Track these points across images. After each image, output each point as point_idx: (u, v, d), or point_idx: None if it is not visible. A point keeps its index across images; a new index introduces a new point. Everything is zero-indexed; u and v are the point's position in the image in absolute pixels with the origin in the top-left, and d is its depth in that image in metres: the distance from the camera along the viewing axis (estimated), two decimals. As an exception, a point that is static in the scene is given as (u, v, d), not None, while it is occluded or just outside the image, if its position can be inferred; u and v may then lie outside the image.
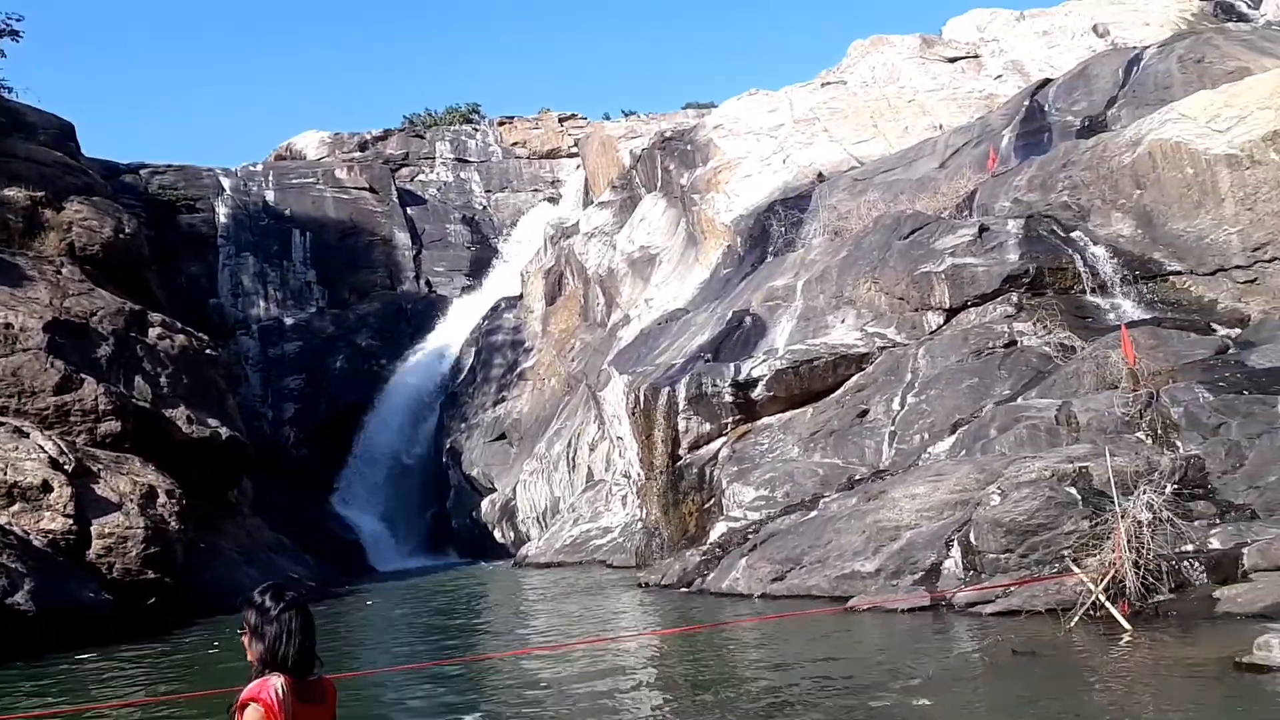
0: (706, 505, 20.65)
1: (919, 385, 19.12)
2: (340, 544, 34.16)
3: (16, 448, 19.78)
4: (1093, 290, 19.95)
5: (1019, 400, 16.30)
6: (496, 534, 33.88)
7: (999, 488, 11.90)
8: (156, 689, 11.05)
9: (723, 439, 21.64)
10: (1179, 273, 19.51)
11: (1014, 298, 20.05)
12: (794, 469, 18.87)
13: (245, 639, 3.15)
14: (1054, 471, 11.79)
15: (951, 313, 20.78)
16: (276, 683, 3.03)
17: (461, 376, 42.33)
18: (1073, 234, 21.43)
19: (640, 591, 17.55)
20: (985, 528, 11.33)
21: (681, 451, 22.31)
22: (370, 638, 16.99)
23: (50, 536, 18.54)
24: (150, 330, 26.26)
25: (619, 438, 28.02)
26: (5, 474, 18.95)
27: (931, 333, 20.64)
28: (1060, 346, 18.04)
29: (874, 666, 8.35)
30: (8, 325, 22.87)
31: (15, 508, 18.73)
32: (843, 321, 22.78)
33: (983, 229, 21.58)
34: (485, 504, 34.85)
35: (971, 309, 20.46)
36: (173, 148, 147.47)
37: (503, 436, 37.66)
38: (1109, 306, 19.32)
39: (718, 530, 18.55)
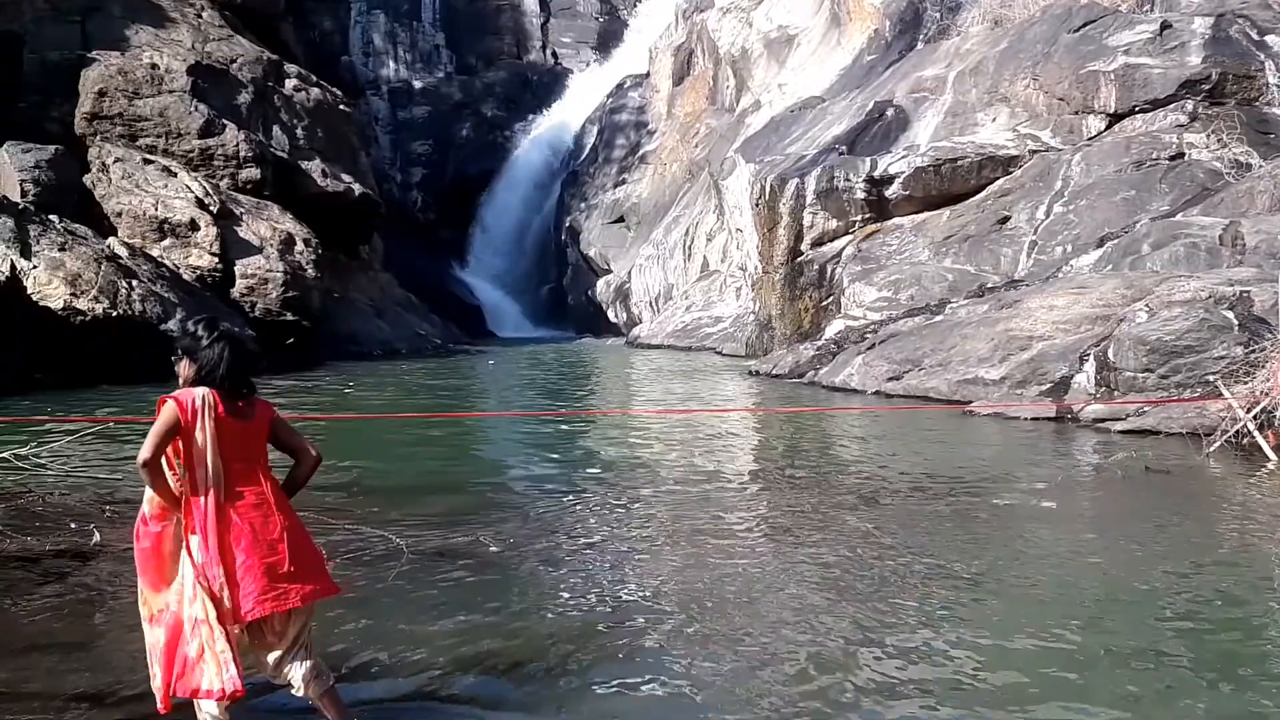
0: (824, 303, 20.39)
1: (1069, 194, 18.00)
2: (463, 307, 35.42)
3: (166, 185, 20.69)
4: (1282, 103, 18.09)
5: (1179, 217, 15.20)
6: (610, 314, 34.50)
7: (1147, 305, 11.31)
8: (300, 409, 11.87)
9: (849, 237, 21.03)
10: (1388, 91, 17.45)
11: (1189, 105, 18.35)
12: (922, 272, 18.32)
13: (177, 364, 3.10)
14: (1211, 293, 11.10)
15: (1116, 118, 19.20)
16: (200, 390, 3.05)
17: (584, 155, 41.88)
18: (1267, 38, 19.24)
19: (749, 378, 17.73)
20: (1127, 344, 10.85)
21: (804, 247, 21.84)
22: (490, 389, 17.79)
23: (198, 273, 19.66)
24: (287, 82, 26.52)
25: (739, 229, 27.56)
26: (156, 209, 19.95)
27: (1090, 139, 19.20)
28: (1234, 163, 16.59)
29: (994, 467, 8.28)
30: (154, 65, 23.39)
31: (166, 243, 19.83)
32: (993, 120, 21.34)
33: (1165, 25, 19.53)
34: (600, 284, 35.31)
35: (1139, 115, 18.85)
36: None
37: (621, 219, 37.57)
38: (1298, 123, 17.52)
39: (834, 327, 18.37)
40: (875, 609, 4.37)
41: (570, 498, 6.95)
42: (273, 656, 3.09)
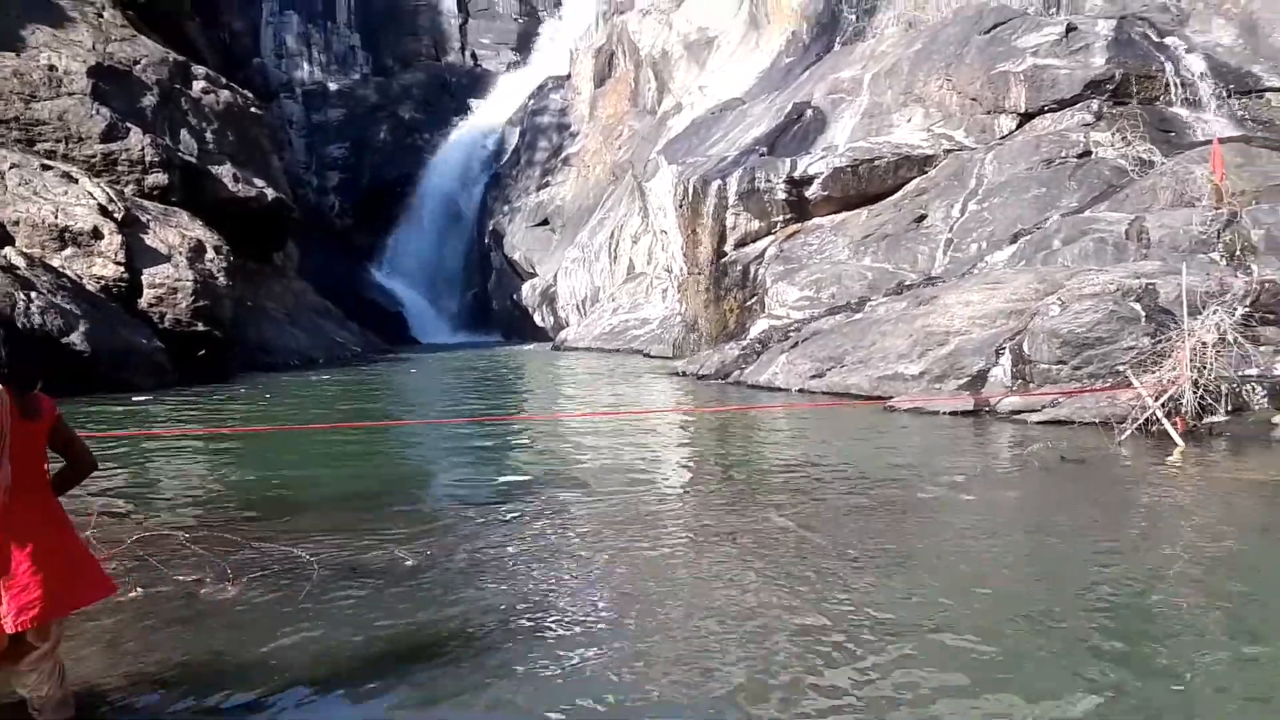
0: (748, 303, 20.52)
1: (982, 192, 18.41)
2: (384, 314, 34.79)
3: (66, 192, 19.81)
4: (1181, 103, 18.77)
5: (1087, 213, 15.64)
6: (536, 318, 34.24)
7: (1059, 298, 11.57)
8: (211, 423, 11.45)
9: (771, 238, 21.21)
10: (1278, 89, 18.22)
11: (1094, 105, 18.93)
12: (842, 271, 18.53)
13: None
14: (1119, 286, 11.40)
15: (1026, 118, 19.72)
16: None
17: (505, 158, 41.58)
18: (1167, 39, 19.98)
19: (676, 379, 17.71)
20: (1040, 337, 11.08)
21: (727, 248, 21.96)
22: (411, 398, 17.44)
23: (102, 283, 18.86)
24: (194, 84, 25.69)
25: (663, 231, 27.60)
26: (56, 217, 19.09)
27: (1002, 138, 19.68)
28: (1138, 160, 17.13)
29: (915, 461, 8.35)
30: (52, 67, 22.41)
31: (67, 252, 18.98)
32: (909, 121, 21.74)
33: (1070, 28, 20.12)
34: (526, 288, 35.02)
35: (1048, 114, 19.38)
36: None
37: (545, 222, 37.36)
38: (1196, 121, 18.20)
39: (758, 327, 18.48)
40: (805, 600, 4.32)
41: (492, 506, 6.77)
42: (26, 663, 3.02)
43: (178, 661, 3.84)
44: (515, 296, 35.39)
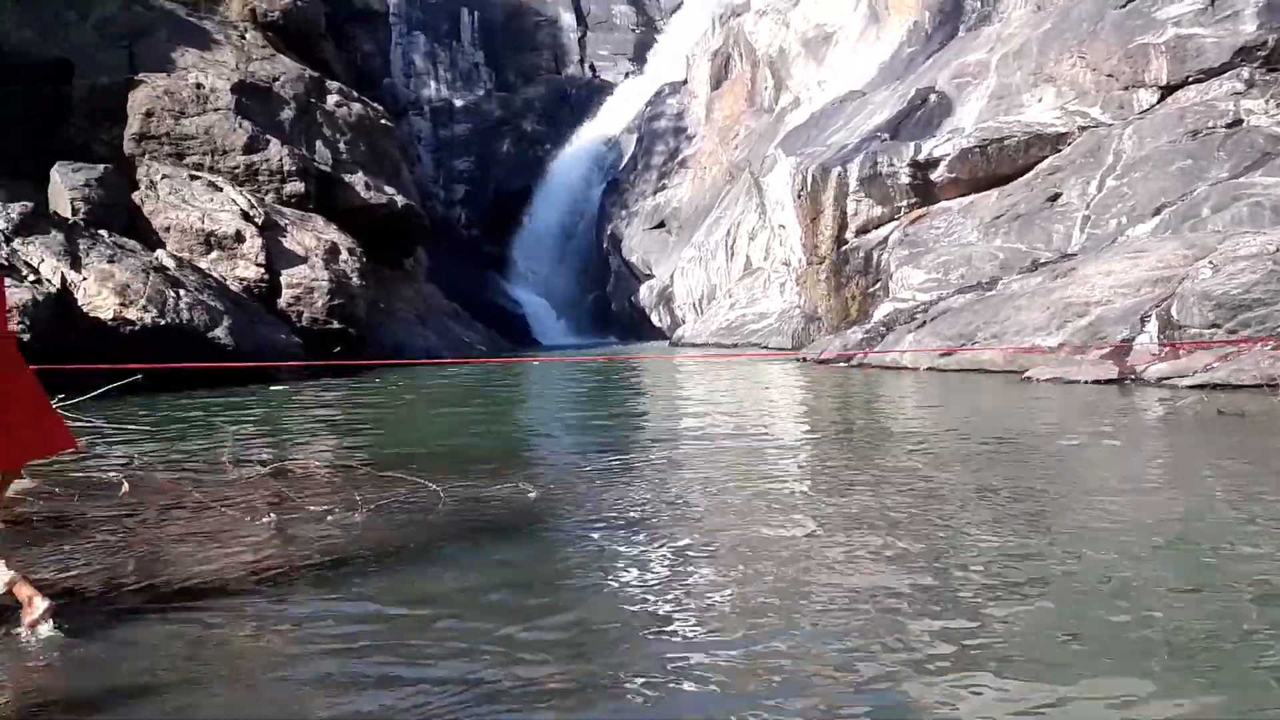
0: (871, 289, 20.02)
1: (1121, 168, 17.47)
2: (507, 316, 35.55)
3: (212, 200, 20.99)
4: (1344, 66, 17.41)
5: (1240, 179, 14.62)
6: (654, 318, 34.35)
7: (1211, 261, 10.83)
8: (345, 408, 11.84)
9: (894, 223, 20.66)
10: None
11: (1245, 73, 17.74)
12: (971, 252, 17.88)
13: None
14: (1279, 246, 10.60)
15: (1168, 91, 18.63)
16: None
17: (623, 164, 41.95)
18: (1327, 1, 18.59)
19: (795, 364, 17.38)
20: (1191, 300, 10.39)
21: (848, 235, 21.52)
22: (534, 379, 17.70)
23: (244, 283, 19.86)
24: (329, 98, 26.87)
25: (780, 226, 27.30)
26: (204, 223, 20.23)
27: (1142, 112, 18.64)
28: (1296, 127, 15.94)
29: (1056, 417, 7.91)
30: (199, 85, 23.81)
31: (213, 255, 20.08)
32: (1039, 101, 20.86)
33: (1217, -6, 18.93)
34: (643, 289, 35.19)
35: (1192, 85, 18.26)
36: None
37: (662, 224, 37.49)
38: (1363, 83, 16.82)
39: (882, 310, 18.00)
40: (935, 547, 4.10)
41: (614, 451, 6.73)
42: None
43: (284, 570, 3.91)
44: (633, 298, 35.62)
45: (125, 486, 4.90)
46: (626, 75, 48.60)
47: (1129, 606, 2.95)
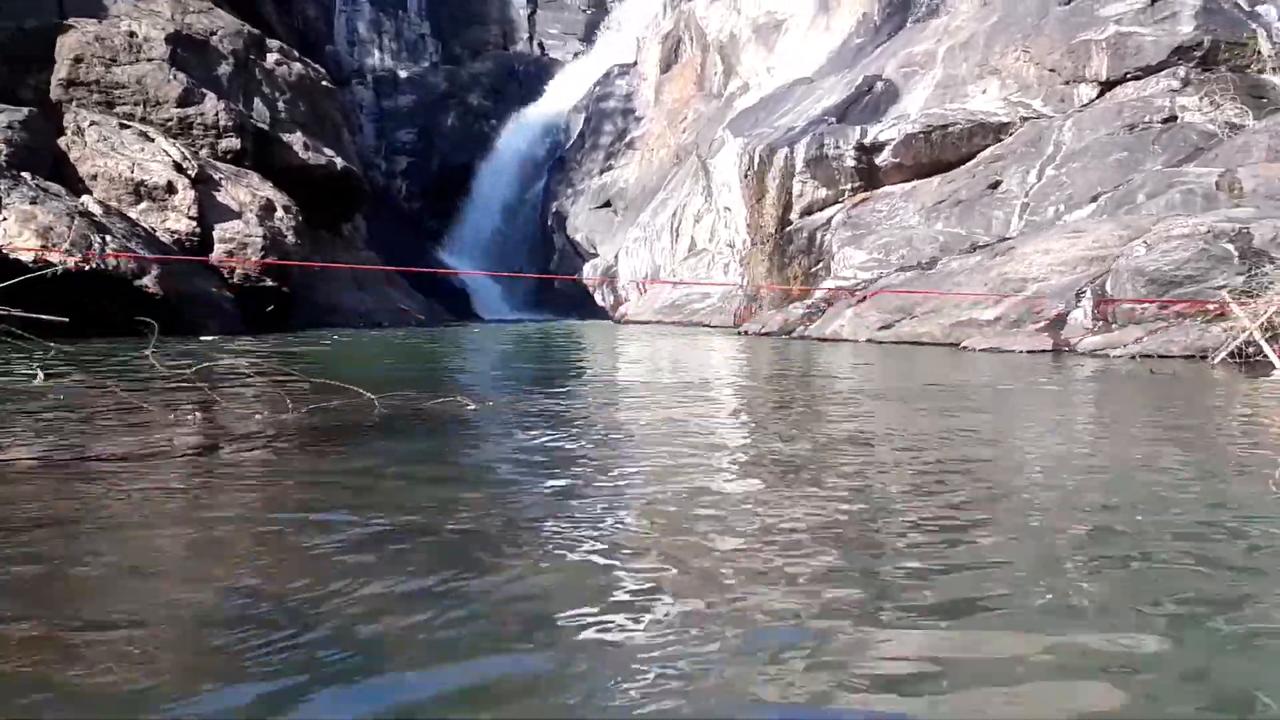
0: (814, 269, 20.15)
1: (1060, 158, 17.84)
2: (448, 290, 35.01)
3: (143, 149, 20.25)
4: (1273, 70, 18.00)
5: (1173, 169, 15.02)
6: (597, 297, 34.20)
7: (1145, 240, 11.08)
8: (272, 362, 11.48)
9: (838, 205, 20.82)
10: (1380, 54, 17.37)
11: (1181, 71, 18.24)
12: (913, 235, 18.09)
13: None
14: (1210, 228, 10.88)
15: (1107, 86, 19.08)
16: None
17: (570, 143, 41.64)
18: (1258, 7, 19.26)
19: (737, 338, 17.41)
20: (1125, 276, 10.62)
21: (793, 216, 21.63)
22: (475, 345, 17.44)
23: (175, 236, 19.21)
24: (269, 55, 26.12)
25: (726, 208, 27.33)
26: (133, 172, 19.51)
27: (1083, 106, 19.05)
28: (1228, 125, 16.44)
29: (990, 377, 8.00)
30: (132, 34, 22.96)
31: (142, 205, 19.38)
32: (984, 92, 21.19)
33: (1157, -5, 19.43)
34: (587, 268, 35.00)
35: (1130, 82, 18.72)
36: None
37: (608, 204, 37.32)
38: (1290, 86, 17.41)
39: (824, 287, 18.11)
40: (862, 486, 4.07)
41: (555, 381, 6.61)
42: None
43: (205, 445, 3.72)
44: (576, 276, 35.40)
45: (40, 376, 4.64)
46: (576, 55, 48.23)
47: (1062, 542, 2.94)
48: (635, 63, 42.03)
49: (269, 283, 19.90)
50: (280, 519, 2.60)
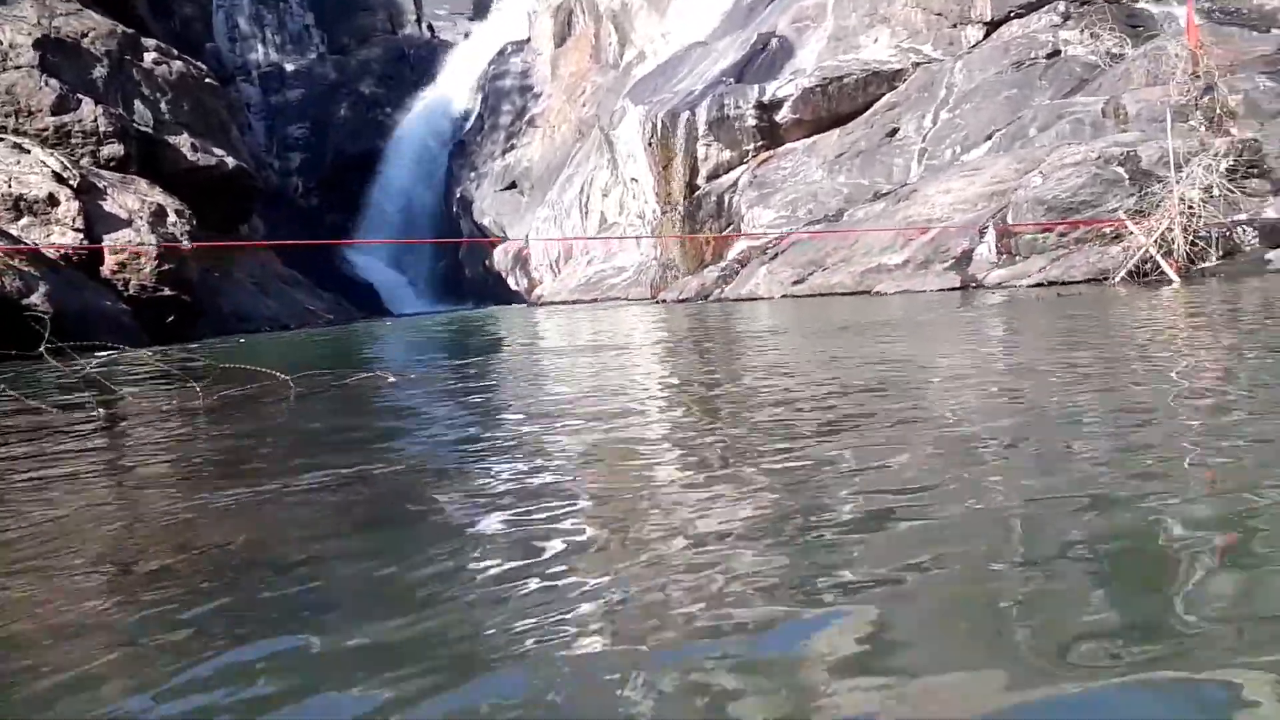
0: (724, 232, 20.25)
1: (953, 101, 18.20)
2: (355, 286, 34.25)
3: (19, 162, 19.23)
4: None
5: (1061, 101, 15.45)
6: (510, 281, 33.84)
7: (1041, 171, 11.38)
8: (183, 367, 11.06)
9: (743, 166, 20.92)
10: (1244, -23, 18.08)
11: (1060, 6, 18.75)
12: (817, 189, 18.30)
13: None
14: (1100, 154, 11.23)
15: (993, 26, 19.51)
16: None
17: (469, 125, 41.00)
18: (1131, -60, 19.85)
19: (654, 306, 17.42)
20: (1025, 207, 10.90)
21: (699, 181, 21.67)
22: (390, 340, 17.09)
23: (62, 251, 18.33)
24: (146, 55, 25.03)
25: (633, 179, 27.27)
26: (10, 186, 18.51)
27: (971, 47, 19.45)
28: (1109, 55, 16.95)
29: (903, 314, 8.15)
30: (-6, 40, 21.74)
31: (24, 221, 18.42)
32: (875, 41, 21.47)
33: (1032, -66, 19.89)
34: (498, 252, 34.58)
35: (1014, 20, 19.19)
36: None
37: (514, 185, 36.87)
38: (1163, 15, 18.03)
39: (736, 249, 18.23)
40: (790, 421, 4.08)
41: (472, 361, 6.49)
42: None
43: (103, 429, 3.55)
44: (488, 262, 34.95)
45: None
46: (467, 35, 47.42)
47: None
48: (529, 39, 41.51)
49: (167, 292, 19.16)
50: (200, 483, 2.47)
